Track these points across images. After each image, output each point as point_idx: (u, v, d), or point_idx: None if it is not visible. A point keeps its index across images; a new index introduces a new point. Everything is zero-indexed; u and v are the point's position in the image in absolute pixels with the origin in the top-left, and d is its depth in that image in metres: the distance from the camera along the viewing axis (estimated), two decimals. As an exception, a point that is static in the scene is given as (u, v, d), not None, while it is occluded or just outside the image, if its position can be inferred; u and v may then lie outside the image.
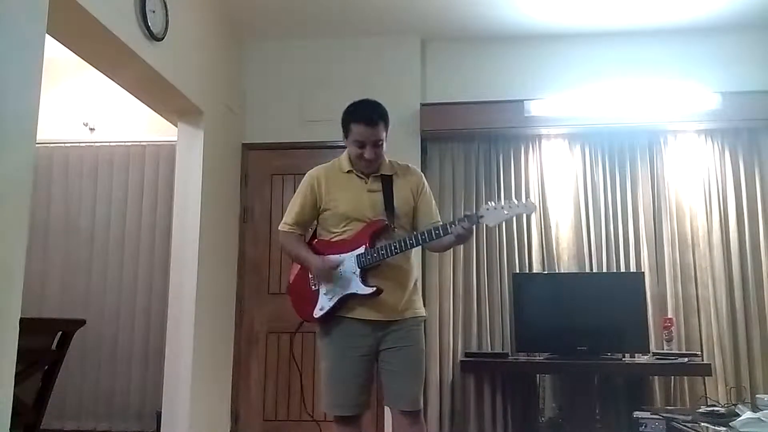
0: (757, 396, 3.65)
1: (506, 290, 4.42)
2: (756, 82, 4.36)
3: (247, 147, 4.60)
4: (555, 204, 4.51)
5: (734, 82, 4.37)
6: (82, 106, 4.83)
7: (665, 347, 4.10)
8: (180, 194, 3.90)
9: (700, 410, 3.64)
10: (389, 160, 2.51)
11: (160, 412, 3.76)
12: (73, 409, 4.46)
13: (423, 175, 2.58)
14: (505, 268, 4.46)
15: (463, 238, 2.28)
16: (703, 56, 4.46)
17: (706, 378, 4.12)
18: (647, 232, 4.45)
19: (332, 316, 2.37)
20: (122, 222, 4.67)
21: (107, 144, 4.78)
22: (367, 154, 2.37)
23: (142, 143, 4.76)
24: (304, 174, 2.56)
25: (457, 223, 2.24)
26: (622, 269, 4.42)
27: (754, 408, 3.51)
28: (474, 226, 2.27)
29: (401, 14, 4.31)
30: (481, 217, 2.25)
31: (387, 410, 2.44)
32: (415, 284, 2.48)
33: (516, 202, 2.27)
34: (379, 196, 2.41)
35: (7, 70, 2.12)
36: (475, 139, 4.59)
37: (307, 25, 4.48)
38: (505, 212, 2.25)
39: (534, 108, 4.45)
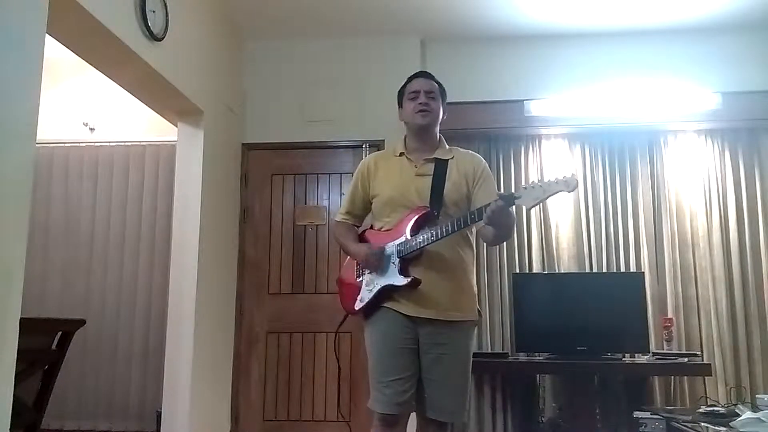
0: (757, 396, 3.65)
1: (506, 290, 4.42)
2: (756, 82, 4.36)
3: (247, 147, 4.60)
4: (555, 204, 4.51)
5: (734, 82, 4.37)
6: (82, 106, 4.83)
7: (665, 347, 4.10)
8: (180, 194, 3.89)
9: (700, 410, 3.65)
10: (449, 146, 2.41)
11: (160, 412, 3.76)
12: (73, 409, 4.46)
13: (483, 160, 2.41)
14: (505, 268, 4.47)
15: (496, 221, 2.03)
16: (703, 56, 4.45)
17: (706, 378, 4.13)
18: (647, 232, 4.45)
19: (374, 308, 2.26)
20: (122, 222, 4.67)
21: (107, 144, 4.78)
22: (421, 98, 2.32)
23: (142, 143, 4.76)
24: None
25: (492, 205, 2.03)
26: (622, 269, 4.42)
27: (754, 408, 3.51)
28: (510, 209, 2.04)
29: (401, 14, 4.31)
30: (518, 198, 2.02)
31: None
32: (468, 279, 2.29)
33: (554, 179, 2.01)
34: (428, 182, 2.27)
35: (7, 70, 2.12)
36: (475, 139, 4.59)
37: (307, 25, 4.47)
38: (544, 190, 2.00)
39: (534, 108, 4.45)
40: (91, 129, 4.85)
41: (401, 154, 2.37)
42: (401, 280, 2.18)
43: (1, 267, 2.05)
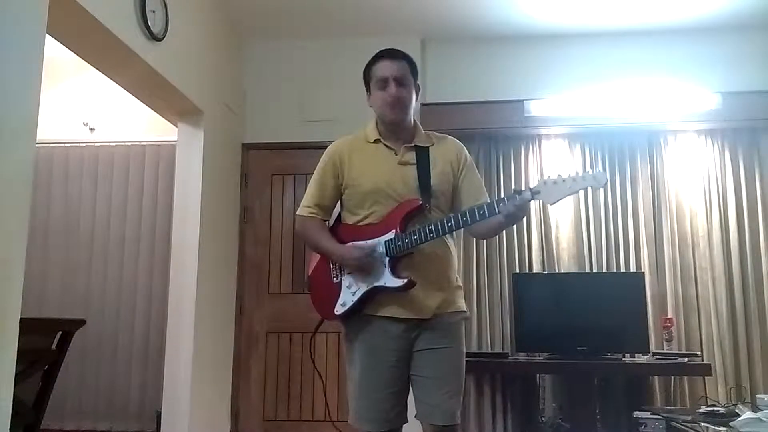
0: (757, 396, 3.65)
1: (506, 290, 4.42)
2: (756, 82, 4.35)
3: (247, 147, 4.60)
4: (536, 201, 4.48)
5: (734, 82, 4.37)
6: (82, 106, 4.83)
7: (665, 347, 4.09)
8: (180, 194, 3.90)
9: (700, 410, 3.65)
10: (425, 132, 2.19)
11: (160, 412, 3.76)
12: (73, 409, 4.46)
13: (464, 146, 2.23)
14: (505, 268, 4.46)
15: (513, 218, 1.92)
16: (703, 56, 4.45)
17: (706, 378, 4.12)
18: (647, 232, 4.45)
19: (357, 313, 2.04)
20: (122, 222, 4.67)
21: (107, 144, 4.78)
22: (391, 89, 2.06)
23: (142, 143, 4.76)
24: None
25: (506, 200, 1.89)
26: (622, 269, 4.42)
27: (754, 408, 3.51)
28: (527, 204, 1.92)
29: (401, 14, 4.31)
30: (537, 193, 1.89)
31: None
32: (455, 273, 2.13)
33: (581, 174, 1.86)
34: (413, 170, 2.07)
35: (7, 70, 2.12)
36: (475, 139, 4.58)
37: (307, 25, 4.47)
38: (568, 187, 1.87)
39: (534, 108, 4.45)
40: (91, 129, 4.86)
41: (377, 141, 2.14)
42: (395, 282, 1.98)
43: (1, 267, 2.05)
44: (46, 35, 2.37)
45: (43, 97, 2.34)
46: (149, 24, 3.19)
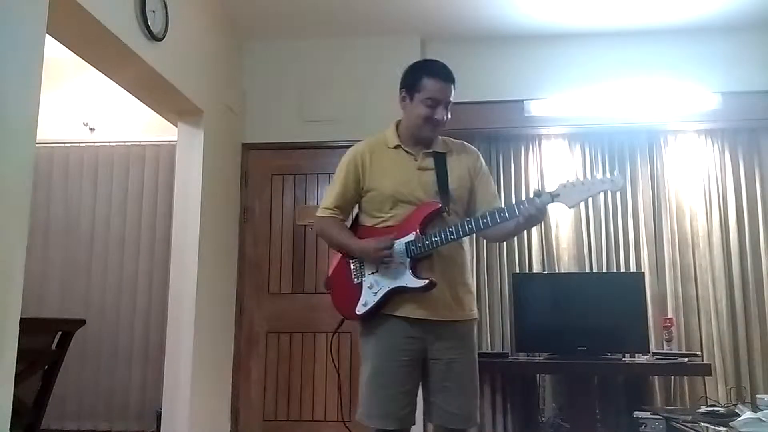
0: (757, 396, 3.65)
1: (506, 290, 4.42)
2: (756, 82, 4.35)
3: (247, 147, 4.60)
4: (555, 204, 4.50)
5: (734, 82, 4.37)
6: (82, 106, 4.83)
7: (665, 347, 4.10)
8: (180, 194, 3.89)
9: (700, 410, 3.65)
10: (441, 138, 2.25)
11: (160, 411, 3.76)
12: (73, 409, 4.46)
13: (480, 154, 2.31)
14: (505, 268, 4.47)
15: (534, 221, 2.00)
16: (703, 56, 4.45)
17: (706, 378, 4.13)
18: (647, 232, 4.45)
19: (377, 313, 2.09)
20: (122, 222, 4.67)
21: (107, 144, 4.78)
22: (439, 114, 2.12)
23: (142, 143, 4.76)
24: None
25: (526, 203, 1.98)
26: (622, 269, 4.42)
27: (754, 408, 3.51)
28: (547, 207, 1.99)
29: (401, 14, 4.30)
30: (557, 195, 1.97)
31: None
32: (470, 276, 2.21)
33: (599, 177, 1.96)
34: (432, 176, 2.14)
35: (7, 70, 2.12)
36: (475, 139, 4.56)
37: (307, 25, 4.47)
38: (587, 189, 1.96)
39: (534, 108, 4.45)
40: (91, 129, 4.86)
41: (397, 147, 2.20)
42: (416, 282, 2.03)
43: (1, 267, 2.05)
44: (46, 35, 2.37)
45: (43, 97, 2.34)
46: (149, 24, 3.18)
